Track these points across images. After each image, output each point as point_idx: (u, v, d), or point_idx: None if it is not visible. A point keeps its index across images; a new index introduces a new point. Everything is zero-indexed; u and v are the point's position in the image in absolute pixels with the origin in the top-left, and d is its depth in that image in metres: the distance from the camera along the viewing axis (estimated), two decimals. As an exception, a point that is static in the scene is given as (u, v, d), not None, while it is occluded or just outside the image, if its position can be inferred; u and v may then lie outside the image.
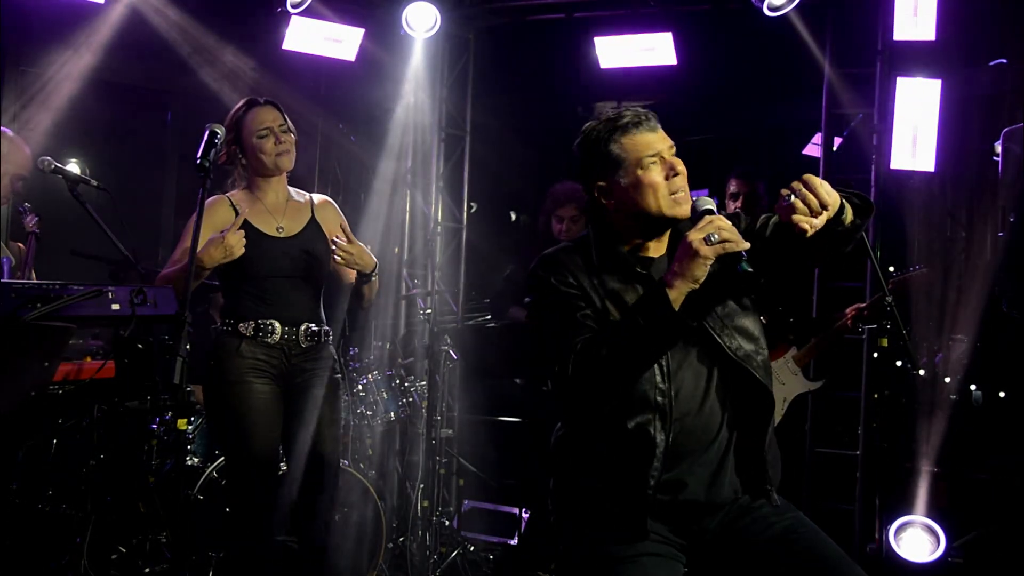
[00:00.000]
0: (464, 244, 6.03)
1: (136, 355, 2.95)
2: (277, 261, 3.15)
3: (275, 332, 3.13)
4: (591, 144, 2.23)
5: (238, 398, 3.10)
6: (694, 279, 2.04)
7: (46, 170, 3.60)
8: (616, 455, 2.15)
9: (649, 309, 2.06)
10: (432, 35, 5.50)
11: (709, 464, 2.16)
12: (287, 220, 3.23)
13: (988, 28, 5.06)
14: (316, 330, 3.21)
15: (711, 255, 2.01)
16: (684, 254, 2.03)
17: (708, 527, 2.19)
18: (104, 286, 2.97)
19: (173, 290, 2.90)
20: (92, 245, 4.04)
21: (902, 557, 4.28)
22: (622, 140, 2.18)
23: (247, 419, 3.11)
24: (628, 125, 2.18)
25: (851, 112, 5.12)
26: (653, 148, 2.17)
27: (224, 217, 3.14)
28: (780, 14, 4.79)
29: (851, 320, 4.06)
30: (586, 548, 2.17)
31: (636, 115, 2.20)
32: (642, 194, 2.17)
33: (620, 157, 2.18)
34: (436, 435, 4.66)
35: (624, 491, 2.14)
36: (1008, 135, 3.34)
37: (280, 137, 3.17)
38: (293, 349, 3.17)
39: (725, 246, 2.01)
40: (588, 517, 2.20)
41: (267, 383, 3.13)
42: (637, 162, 2.17)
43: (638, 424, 2.12)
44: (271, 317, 3.14)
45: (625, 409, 2.14)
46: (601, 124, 2.22)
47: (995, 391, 5.19)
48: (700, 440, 2.15)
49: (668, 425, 2.12)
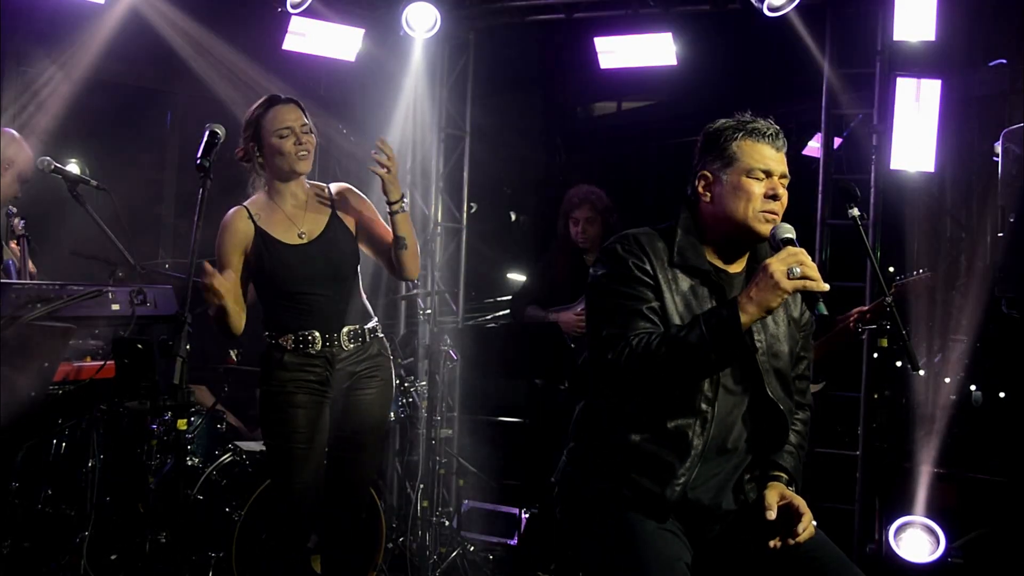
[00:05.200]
0: (464, 244, 6.03)
1: (136, 355, 2.94)
2: (303, 270, 3.09)
3: (316, 342, 3.08)
4: (714, 134, 2.24)
5: (280, 409, 3.08)
6: (768, 308, 2.03)
7: (46, 170, 3.60)
8: (649, 449, 2.16)
9: (718, 327, 2.04)
10: (432, 35, 5.50)
11: (724, 475, 2.20)
12: (308, 223, 3.14)
13: (988, 28, 5.07)
14: (358, 330, 3.14)
15: (791, 289, 2.00)
16: (763, 282, 2.02)
17: (712, 530, 2.21)
18: (104, 286, 2.98)
19: (174, 290, 2.90)
20: (92, 245, 4.03)
21: (902, 557, 4.28)
22: (743, 142, 2.20)
23: (286, 428, 3.08)
24: (756, 132, 2.20)
25: (851, 112, 5.12)
26: (767, 164, 2.19)
27: (245, 231, 3.09)
28: (780, 14, 4.78)
29: (853, 322, 4.06)
30: (608, 516, 2.18)
31: (768, 127, 2.22)
32: (737, 199, 2.18)
33: (735, 156, 2.19)
34: (436, 435, 4.66)
35: (651, 484, 2.15)
36: (1008, 135, 3.33)
37: (301, 138, 3.08)
38: (338, 354, 3.11)
39: (807, 284, 2.00)
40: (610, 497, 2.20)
41: (308, 395, 3.09)
42: (747, 168, 2.18)
43: (678, 426, 2.14)
44: (310, 327, 3.08)
45: (668, 407, 2.15)
46: (734, 121, 2.23)
47: (995, 391, 5.20)
48: (723, 451, 2.19)
49: (707, 432, 2.14)
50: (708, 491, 2.18)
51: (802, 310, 2.35)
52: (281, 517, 3.14)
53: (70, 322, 2.85)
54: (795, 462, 2.29)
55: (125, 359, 2.94)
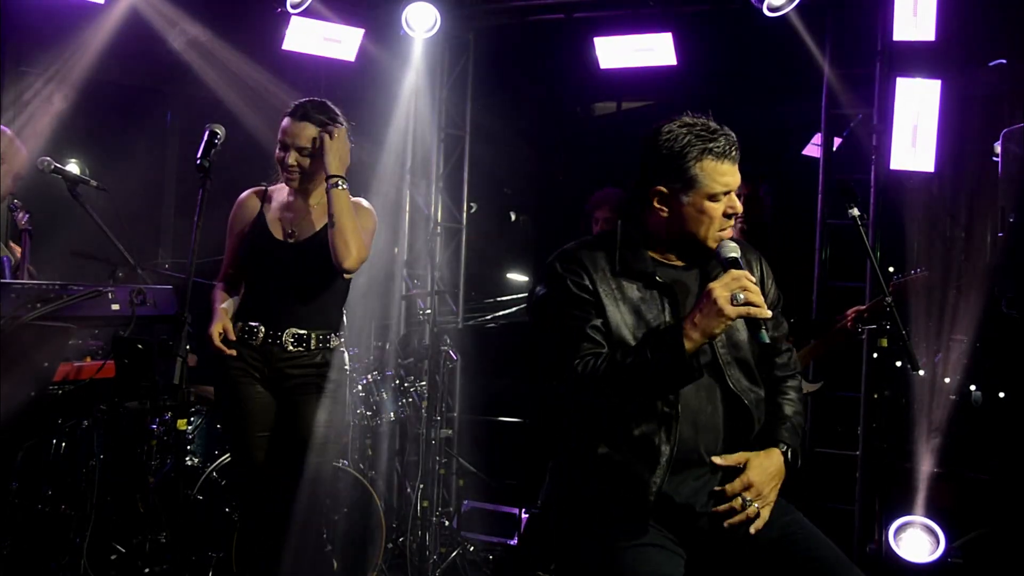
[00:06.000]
0: (464, 244, 6.03)
1: (136, 355, 2.95)
2: (276, 266, 3.13)
3: (258, 335, 3.12)
4: (670, 150, 2.14)
5: (225, 394, 3.19)
6: (711, 334, 2.02)
7: (46, 170, 3.60)
8: (620, 460, 2.15)
9: (661, 353, 2.03)
10: (432, 35, 5.50)
11: (706, 476, 2.18)
12: (305, 224, 3.19)
13: (988, 28, 5.06)
14: (303, 335, 3.14)
15: (734, 316, 2.00)
16: (707, 308, 2.01)
17: (704, 529, 2.19)
18: (104, 286, 2.97)
19: (174, 290, 2.92)
20: (92, 245, 4.03)
21: (902, 557, 4.28)
22: (705, 163, 2.12)
23: (231, 415, 3.19)
24: (717, 152, 2.11)
25: (851, 112, 5.12)
26: (729, 185, 2.14)
27: (252, 208, 3.22)
28: (780, 14, 4.78)
29: (851, 322, 4.06)
30: (591, 539, 2.17)
31: (728, 144, 2.13)
32: (699, 222, 2.15)
33: (696, 179, 2.12)
34: (436, 435, 4.66)
35: (626, 495, 2.14)
36: (1008, 135, 3.33)
37: (289, 157, 3.10)
38: (279, 354, 3.13)
39: (750, 310, 1.99)
40: (591, 513, 2.19)
41: (252, 384, 3.14)
42: (710, 193, 2.13)
43: (644, 433, 2.13)
44: (258, 320, 3.13)
45: (632, 416, 2.14)
46: (690, 135, 2.13)
47: (995, 391, 5.19)
48: (700, 452, 2.17)
49: (673, 437, 2.12)
50: (694, 494, 2.16)
51: (764, 288, 2.30)
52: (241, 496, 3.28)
53: (70, 322, 2.85)
54: (791, 434, 2.26)
55: (125, 359, 2.95)
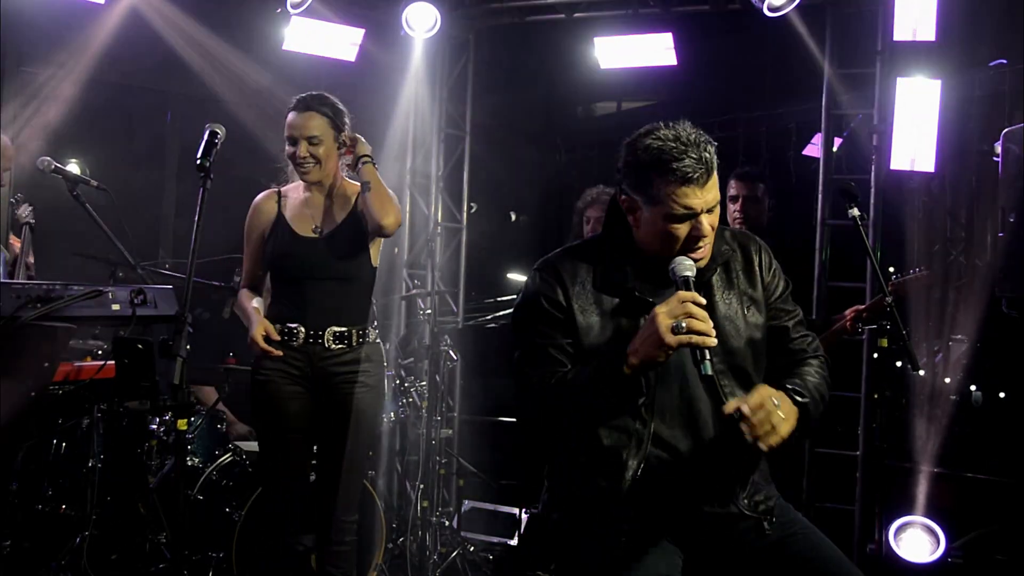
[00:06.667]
0: (464, 244, 6.03)
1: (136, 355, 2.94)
2: (305, 262, 3.14)
3: (299, 336, 3.13)
4: (638, 161, 2.04)
5: (264, 395, 3.16)
6: (653, 361, 1.95)
7: (46, 170, 3.60)
8: (594, 466, 2.12)
9: (602, 374, 2.00)
10: (432, 35, 5.50)
11: (704, 476, 2.13)
12: (327, 218, 3.20)
13: (988, 28, 5.06)
14: (347, 332, 3.15)
15: (674, 345, 1.90)
16: (648, 334, 1.93)
17: (703, 529, 2.17)
18: (104, 286, 2.97)
19: (174, 290, 2.93)
20: (92, 245, 4.04)
21: (902, 557, 4.28)
22: (667, 186, 1.99)
23: (269, 416, 3.17)
24: (681, 178, 1.97)
25: (851, 112, 5.11)
26: (692, 209, 2.00)
27: (268, 212, 3.22)
28: (780, 14, 4.78)
29: (851, 322, 4.06)
30: (591, 539, 2.15)
31: (698, 164, 1.97)
32: (658, 237, 2.06)
33: (658, 198, 2.01)
34: (436, 435, 4.66)
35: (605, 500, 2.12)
36: (1008, 135, 3.33)
37: (300, 150, 3.11)
38: (321, 353, 3.14)
39: (692, 339, 1.89)
40: (591, 513, 2.17)
41: (291, 384, 3.14)
42: (670, 214, 2.01)
43: (613, 445, 2.10)
44: (296, 320, 3.13)
45: (604, 425, 2.10)
46: (660, 150, 1.99)
47: (995, 391, 5.20)
48: (684, 457, 2.11)
49: (643, 451, 2.08)
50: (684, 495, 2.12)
51: (763, 280, 2.20)
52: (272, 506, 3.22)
53: (70, 322, 2.84)
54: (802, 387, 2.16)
55: (125, 359, 2.94)
